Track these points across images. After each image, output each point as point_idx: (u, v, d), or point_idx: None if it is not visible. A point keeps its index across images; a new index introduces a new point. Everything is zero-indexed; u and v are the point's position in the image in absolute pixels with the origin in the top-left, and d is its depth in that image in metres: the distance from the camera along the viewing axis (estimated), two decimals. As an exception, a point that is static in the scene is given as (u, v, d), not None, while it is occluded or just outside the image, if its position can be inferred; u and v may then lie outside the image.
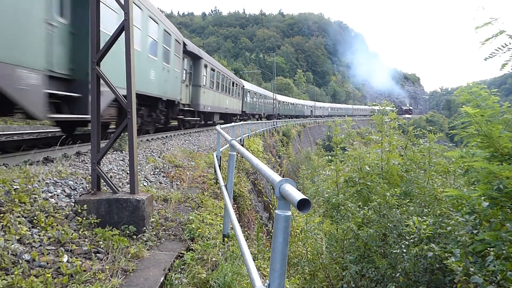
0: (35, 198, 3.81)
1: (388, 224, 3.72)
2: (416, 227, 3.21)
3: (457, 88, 3.79)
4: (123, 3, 4.00)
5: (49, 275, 2.71)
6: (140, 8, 9.72)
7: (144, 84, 10.49)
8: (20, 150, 8.12)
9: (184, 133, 17.13)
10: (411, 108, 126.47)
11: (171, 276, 3.18)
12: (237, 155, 6.28)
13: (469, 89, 3.51)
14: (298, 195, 1.33)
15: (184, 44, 15.45)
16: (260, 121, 25.36)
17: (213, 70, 20.85)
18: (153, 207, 4.49)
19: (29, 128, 14.66)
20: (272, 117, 40.08)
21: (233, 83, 26.78)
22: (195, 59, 17.94)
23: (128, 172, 5.21)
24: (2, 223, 3.12)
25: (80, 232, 3.55)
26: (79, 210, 3.78)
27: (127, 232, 3.78)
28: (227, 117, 26.23)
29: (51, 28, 5.93)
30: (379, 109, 5.41)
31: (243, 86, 31.05)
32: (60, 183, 4.61)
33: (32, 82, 5.34)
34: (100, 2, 4.10)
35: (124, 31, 4.00)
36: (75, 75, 6.67)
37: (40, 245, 3.13)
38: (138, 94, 9.10)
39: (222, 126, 9.84)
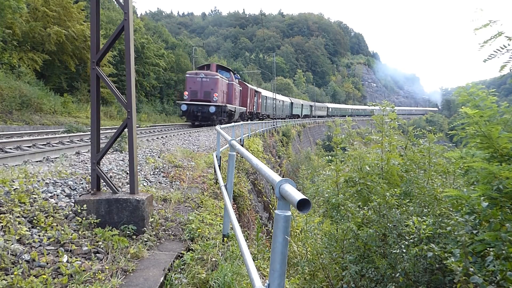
0: (35, 198, 3.81)
1: (388, 224, 3.72)
2: (415, 227, 3.20)
3: (457, 88, 3.79)
4: (123, 3, 4.00)
5: (48, 276, 2.71)
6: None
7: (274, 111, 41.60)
8: (19, 150, 8.11)
9: (184, 133, 17.14)
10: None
11: (171, 276, 3.19)
12: (237, 155, 6.27)
13: (467, 90, 3.51)
14: (298, 195, 1.33)
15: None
16: (260, 121, 25.41)
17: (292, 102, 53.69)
18: (153, 207, 4.49)
19: (29, 128, 14.66)
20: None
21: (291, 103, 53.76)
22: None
23: (128, 172, 5.22)
24: (2, 223, 3.12)
25: (79, 232, 3.55)
26: (79, 210, 3.78)
27: (127, 232, 3.79)
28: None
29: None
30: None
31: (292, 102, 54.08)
32: (59, 183, 4.61)
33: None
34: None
35: (124, 31, 4.01)
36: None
37: (40, 245, 3.13)
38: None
39: (222, 126, 9.84)
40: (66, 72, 24.69)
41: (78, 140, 10.90)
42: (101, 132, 4.39)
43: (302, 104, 58.59)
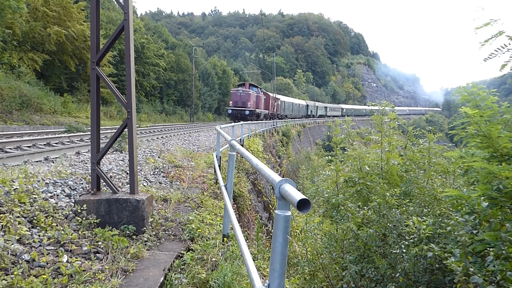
0: (35, 198, 3.81)
1: (388, 224, 3.72)
2: (415, 227, 3.20)
3: (457, 88, 3.78)
4: (123, 3, 4.00)
5: (48, 276, 2.71)
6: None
7: (296, 112, 54.97)
8: (19, 150, 8.11)
9: (184, 133, 17.16)
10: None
11: (171, 276, 3.19)
12: (237, 155, 6.27)
13: (468, 90, 3.50)
14: (298, 195, 1.33)
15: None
16: (260, 121, 25.44)
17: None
18: (153, 207, 4.49)
19: (29, 128, 14.66)
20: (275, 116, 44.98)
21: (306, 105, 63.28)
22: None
23: (128, 172, 5.22)
24: (2, 223, 3.12)
25: (79, 232, 3.55)
26: (79, 210, 3.78)
27: (127, 232, 3.79)
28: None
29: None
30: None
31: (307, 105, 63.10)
32: (59, 183, 4.61)
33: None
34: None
35: (124, 31, 4.01)
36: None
37: (40, 245, 3.13)
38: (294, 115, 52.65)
39: (222, 126, 9.84)
40: (66, 72, 24.70)
41: (78, 140, 10.90)
42: (101, 132, 4.39)
43: (317, 106, 66.98)
